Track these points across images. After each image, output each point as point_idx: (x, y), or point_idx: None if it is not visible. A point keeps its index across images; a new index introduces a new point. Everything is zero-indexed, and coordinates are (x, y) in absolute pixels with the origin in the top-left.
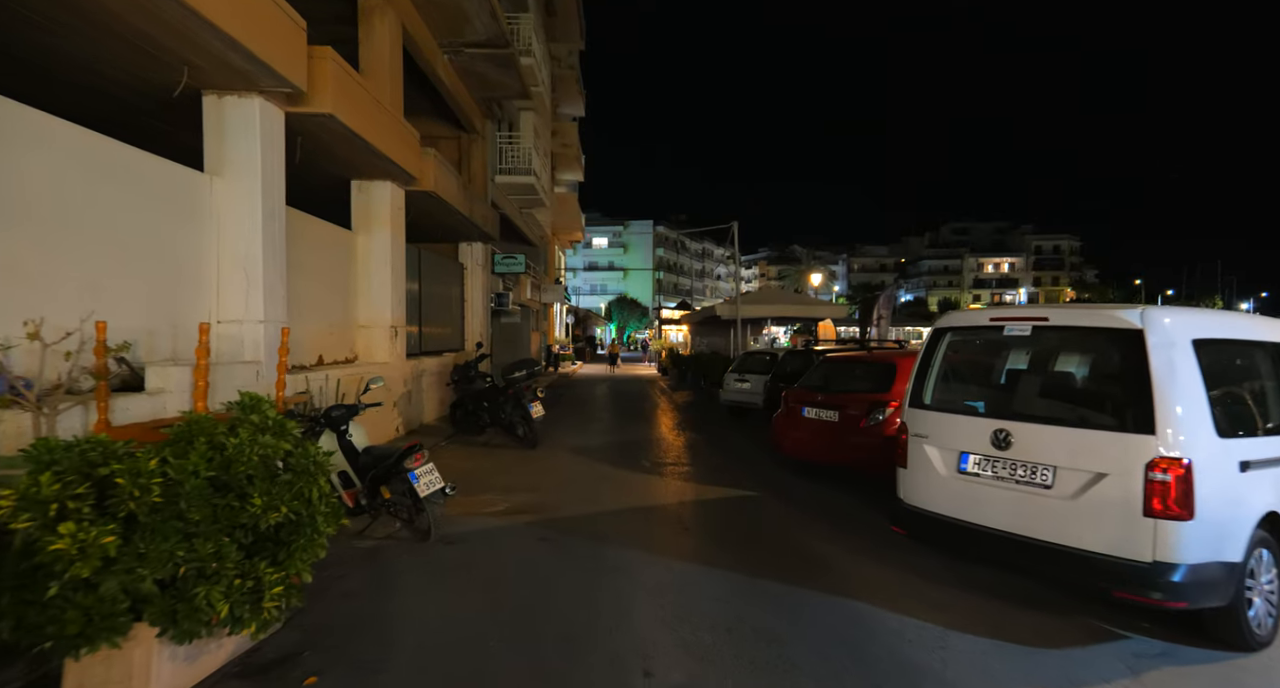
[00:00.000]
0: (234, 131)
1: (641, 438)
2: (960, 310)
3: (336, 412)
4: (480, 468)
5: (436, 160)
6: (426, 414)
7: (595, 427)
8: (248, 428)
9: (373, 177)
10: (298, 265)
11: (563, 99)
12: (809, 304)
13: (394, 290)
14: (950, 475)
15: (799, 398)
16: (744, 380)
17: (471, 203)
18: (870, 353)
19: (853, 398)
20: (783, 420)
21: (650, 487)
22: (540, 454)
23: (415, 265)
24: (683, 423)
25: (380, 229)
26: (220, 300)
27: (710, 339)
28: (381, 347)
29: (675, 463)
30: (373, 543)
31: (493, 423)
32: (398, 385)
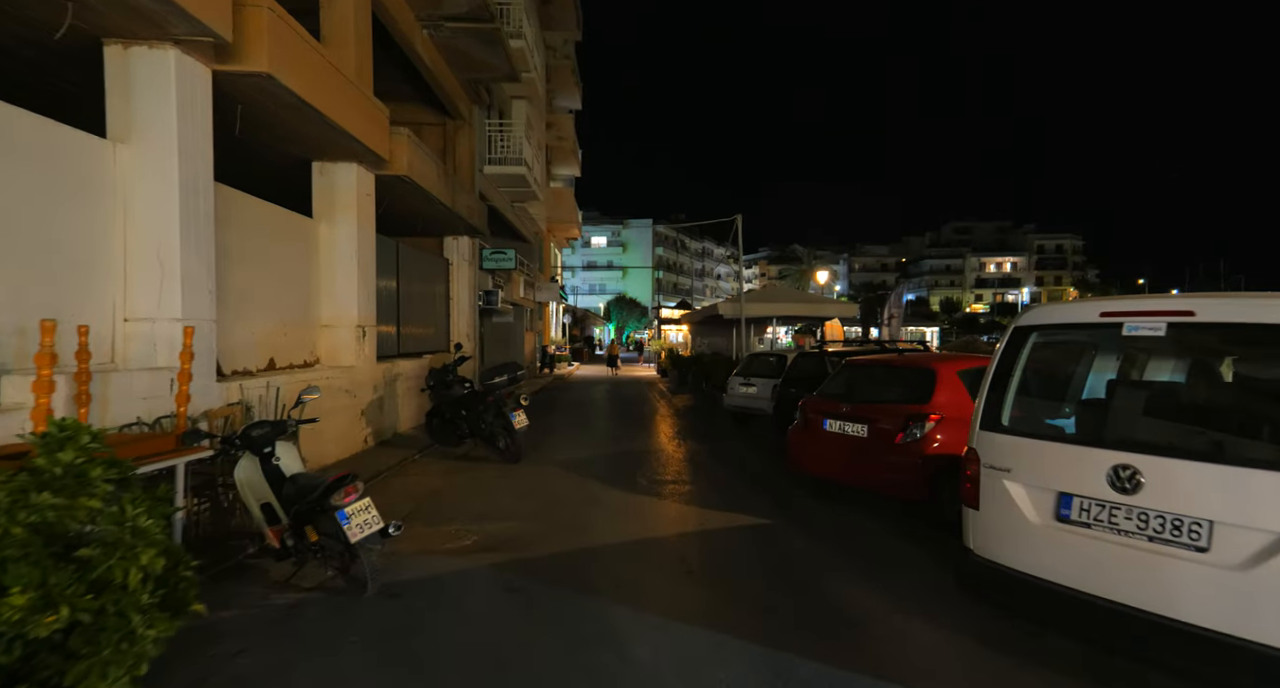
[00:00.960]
0: (143, 89)
1: (638, 449)
2: (1051, 303)
3: (258, 430)
4: (453, 487)
5: (410, 141)
6: (402, 422)
7: (588, 435)
8: (11, 485)
9: (335, 157)
10: (240, 254)
11: (558, 90)
12: (816, 302)
13: (361, 285)
14: (1046, 524)
15: (820, 408)
16: (750, 384)
17: (454, 192)
18: (902, 356)
19: (884, 410)
20: (800, 434)
21: (647, 512)
22: (524, 470)
23: (391, 259)
24: (684, 431)
25: (345, 217)
26: (129, 294)
27: (711, 340)
28: (347, 348)
29: (676, 481)
30: (295, 596)
31: (472, 433)
32: (366, 392)
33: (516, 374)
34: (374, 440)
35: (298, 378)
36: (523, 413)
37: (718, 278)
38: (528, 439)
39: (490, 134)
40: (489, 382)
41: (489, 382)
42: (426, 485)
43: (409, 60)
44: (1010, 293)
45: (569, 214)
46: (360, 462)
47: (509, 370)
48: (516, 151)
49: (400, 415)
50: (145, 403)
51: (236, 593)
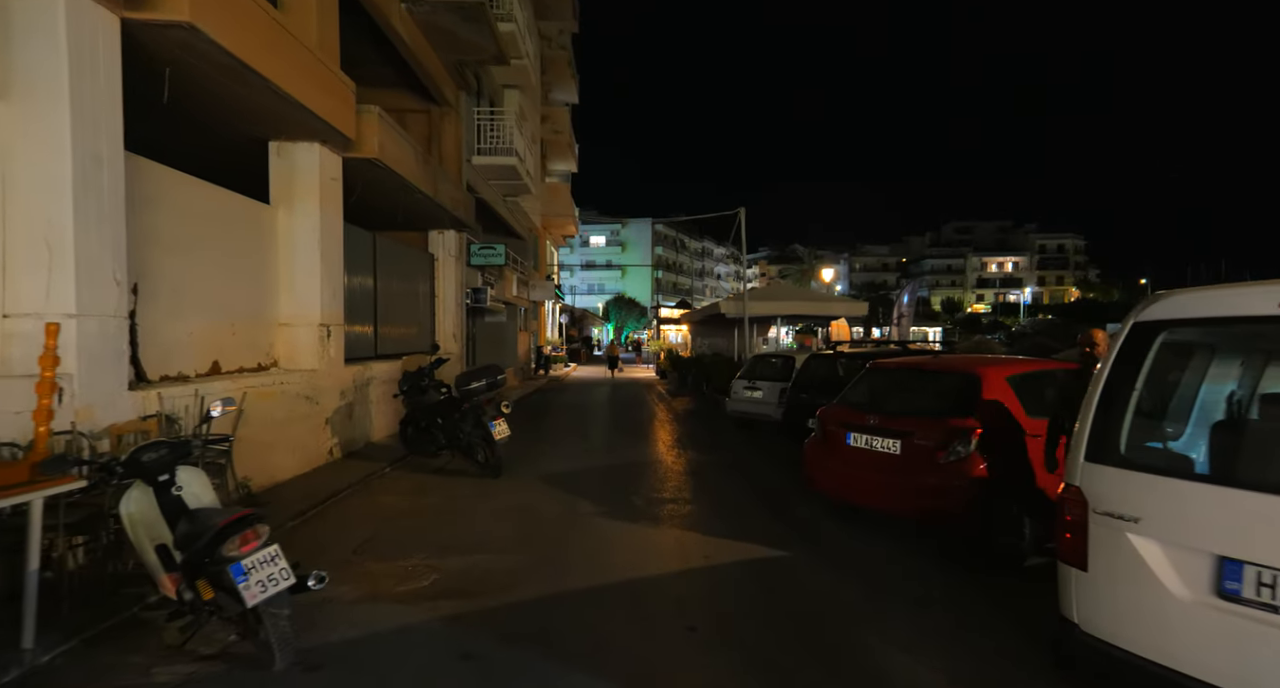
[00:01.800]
0: (26, 34)
1: (634, 460)
2: (1187, 291)
3: (151, 454)
4: (420, 509)
5: (381, 121)
6: (376, 431)
7: (579, 444)
8: None
9: (295, 136)
10: (175, 241)
11: (554, 83)
12: (823, 301)
13: (325, 279)
14: (1199, 601)
15: (842, 420)
16: (754, 388)
17: (437, 181)
18: (937, 358)
19: (921, 423)
20: (819, 449)
21: (642, 541)
22: (504, 486)
23: (367, 253)
24: (684, 438)
25: (307, 204)
26: (7, 283)
27: (712, 340)
28: (309, 350)
29: (675, 499)
30: (186, 669)
31: (448, 444)
32: (331, 398)
33: (496, 379)
34: (341, 452)
35: (242, 384)
36: (504, 422)
37: (717, 278)
38: (513, 449)
39: (480, 123)
40: (465, 387)
41: (465, 387)
42: (390, 506)
43: (387, 39)
44: (1012, 293)
45: (565, 210)
46: (319, 478)
47: (488, 375)
48: (507, 141)
49: (374, 423)
50: (19, 420)
51: (110, 665)
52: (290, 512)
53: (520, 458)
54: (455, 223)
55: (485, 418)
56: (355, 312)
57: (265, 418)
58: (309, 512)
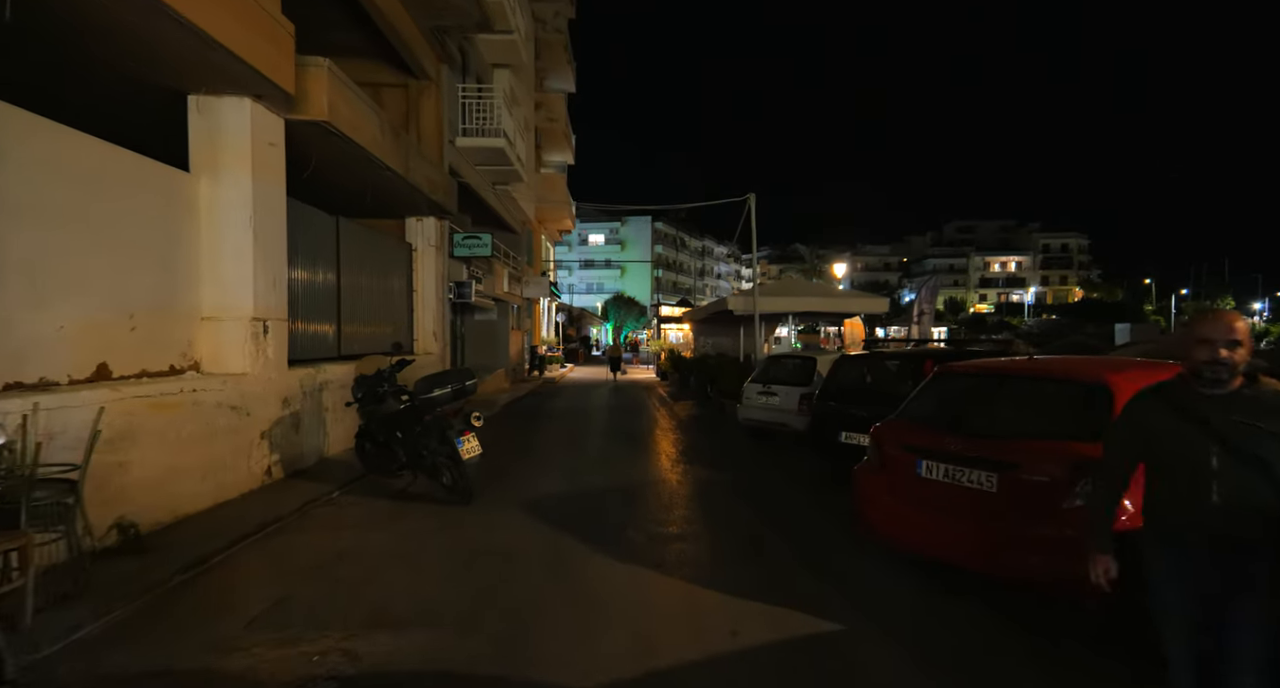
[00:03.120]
0: None
1: (633, 480)
2: None
3: None
4: (360, 553)
5: (332, 77)
6: (332, 444)
7: (569, 458)
8: None
9: (219, 88)
10: (34, 209)
11: (549, 69)
12: (840, 297)
13: (261, 265)
14: None
15: (908, 441)
16: (770, 393)
17: (409, 159)
18: (1033, 360)
19: (1029, 450)
20: (874, 480)
21: (645, 607)
22: (473, 518)
23: (327, 238)
24: (690, 451)
25: (236, 172)
26: None
27: (716, 340)
28: (237, 349)
29: (684, 535)
30: None
31: (410, 464)
32: (269, 407)
33: (465, 385)
34: (284, 471)
35: (128, 393)
36: (474, 438)
37: (718, 277)
38: (493, 462)
39: (466, 101)
40: (425, 396)
41: (425, 396)
42: (324, 548)
43: None
44: (1015, 293)
45: (561, 204)
46: (244, 508)
47: (454, 380)
48: (495, 122)
49: (329, 436)
50: None
51: None
52: (185, 560)
53: (500, 476)
54: (435, 209)
55: (451, 433)
56: (312, 306)
57: (166, 435)
58: (212, 559)
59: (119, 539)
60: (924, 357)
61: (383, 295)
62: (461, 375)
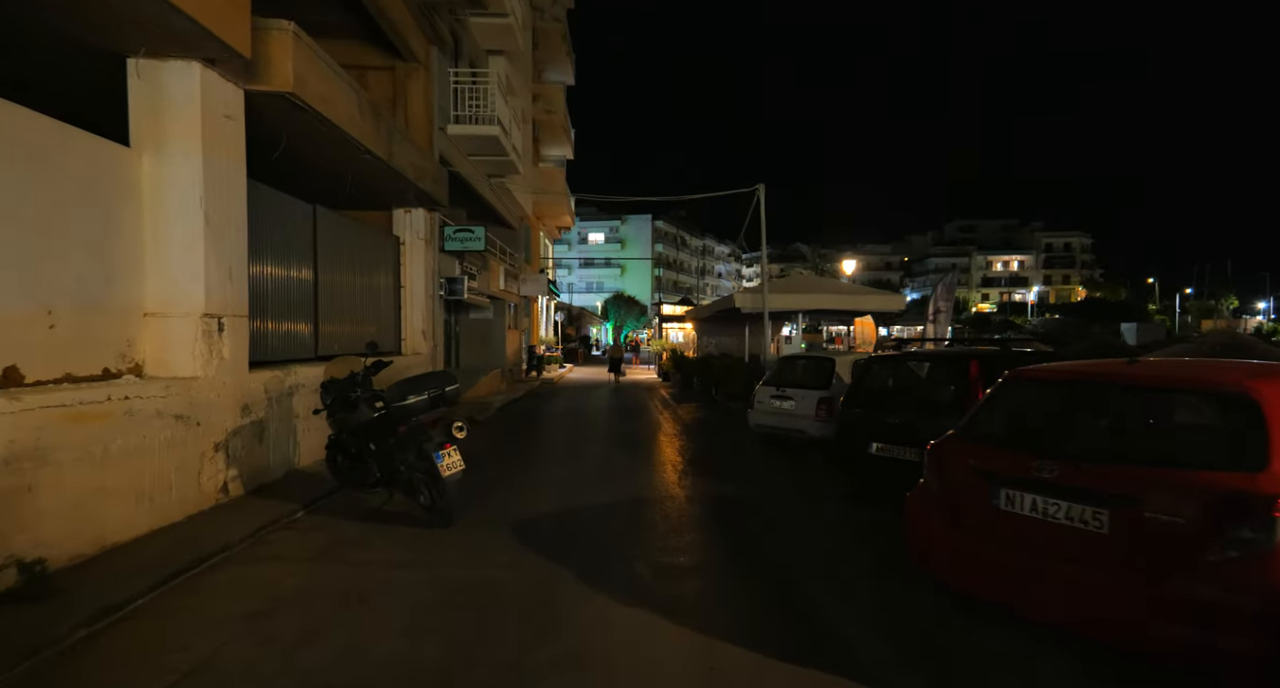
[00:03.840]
0: None
1: (636, 496)
2: None
3: None
4: (311, 595)
5: (298, 42)
6: (304, 454)
7: (564, 470)
8: None
9: (162, 51)
10: None
11: (547, 60)
12: (856, 294)
13: (214, 253)
14: None
15: (984, 463)
16: (784, 397)
17: (392, 143)
18: (1139, 363)
19: (1155, 480)
20: (936, 510)
21: (653, 670)
22: (453, 542)
23: (304, 229)
24: (699, 461)
25: (184, 146)
26: None
27: (719, 339)
28: (185, 350)
29: (698, 568)
30: None
31: (385, 480)
32: (225, 415)
33: (445, 391)
34: (243, 487)
35: (33, 404)
36: (455, 452)
37: (718, 276)
38: (482, 474)
39: (458, 86)
40: (399, 403)
41: (399, 403)
42: (269, 587)
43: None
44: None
45: (559, 199)
46: (188, 533)
47: (431, 385)
48: (489, 109)
49: (300, 445)
50: None
51: None
52: (95, 607)
53: (488, 489)
54: (424, 199)
55: (429, 446)
56: (284, 302)
57: (89, 452)
58: (130, 604)
59: (19, 580)
60: (967, 358)
61: (367, 291)
62: (441, 380)
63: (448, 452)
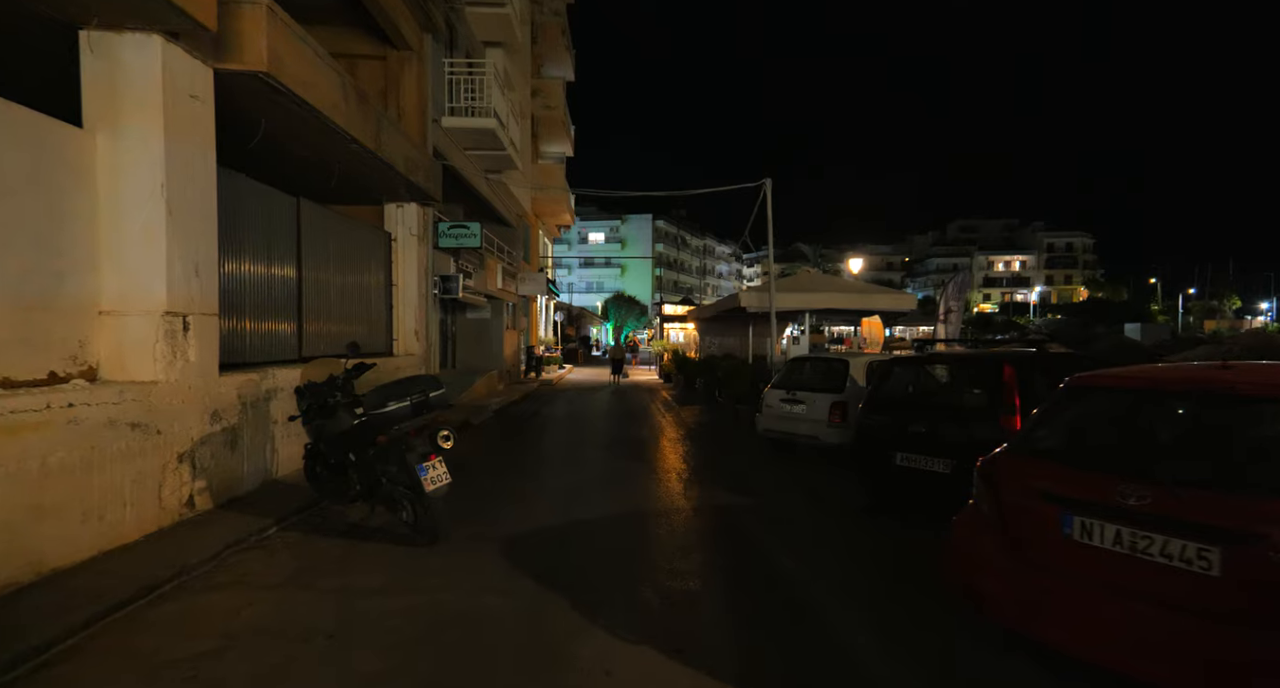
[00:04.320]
0: None
1: (640, 508)
2: None
3: None
4: (266, 629)
5: (273, 19)
6: (283, 463)
7: (562, 478)
8: None
9: (118, 22)
10: None
11: (547, 55)
12: (867, 292)
13: (178, 245)
14: None
15: (1053, 486)
16: (795, 401)
17: (380, 132)
18: (1235, 368)
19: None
20: (990, 540)
21: None
22: (437, 565)
23: (287, 223)
24: (705, 468)
25: (143, 128)
26: None
27: (721, 340)
28: (146, 351)
29: (709, 595)
30: None
31: (365, 493)
32: (190, 422)
33: (429, 397)
34: (212, 500)
35: None
36: (441, 463)
37: (719, 276)
38: (475, 484)
39: (454, 77)
40: (378, 411)
41: (378, 411)
42: (225, 619)
43: None
44: (1020, 292)
45: (559, 197)
46: (140, 554)
47: (414, 390)
48: (486, 100)
49: (280, 453)
50: None
51: None
52: (15, 650)
53: (480, 501)
54: (416, 193)
55: (412, 457)
56: (265, 300)
57: (24, 467)
58: (53, 647)
59: None
60: (999, 361)
61: (356, 289)
62: (425, 384)
63: (432, 463)
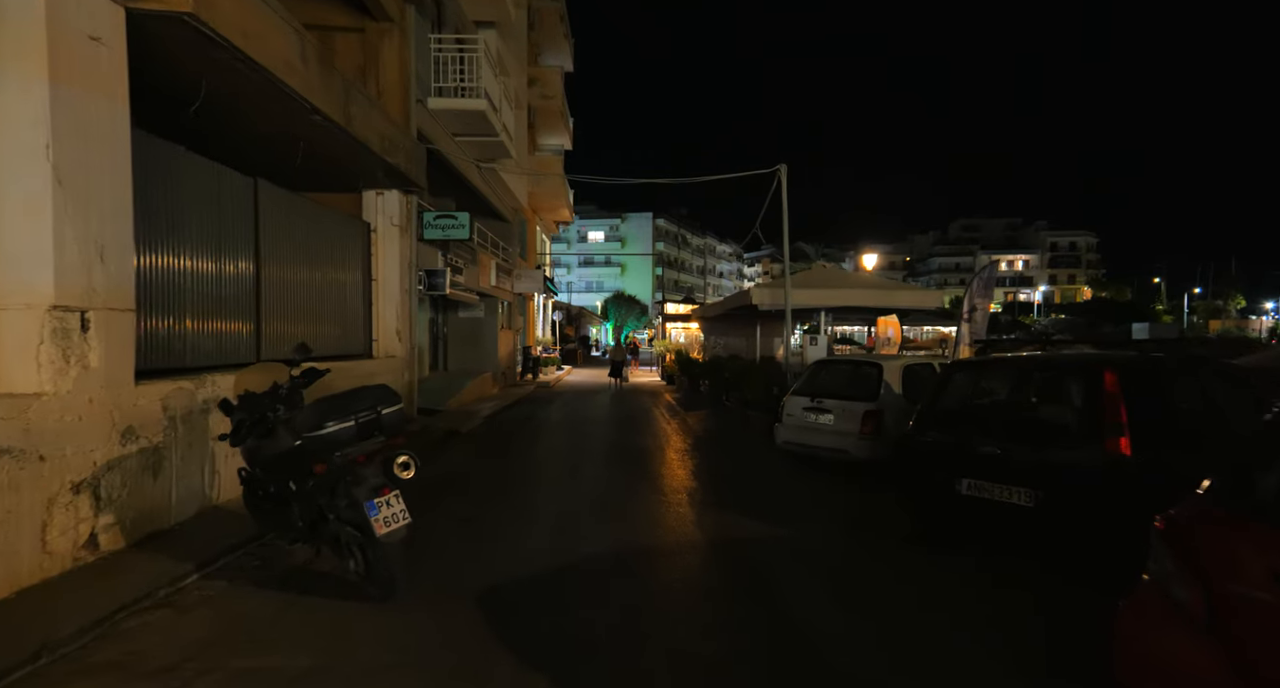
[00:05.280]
0: None
1: (644, 543)
2: None
3: None
4: None
5: None
6: (225, 487)
7: (556, 502)
8: None
9: None
10: None
11: (544, 43)
12: (888, 289)
13: (72, 220)
14: None
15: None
16: (821, 410)
17: (350, 103)
18: None
19: None
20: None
21: None
22: (384, 635)
23: (240, 205)
24: (720, 487)
25: (22, 74)
26: None
27: (727, 340)
28: (28, 356)
29: (750, 680)
30: None
31: (308, 534)
32: (91, 443)
33: (380, 415)
34: (125, 538)
35: None
36: (397, 498)
37: (720, 276)
38: (446, 512)
39: (442, 55)
40: (313, 433)
41: (313, 433)
42: None
43: None
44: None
45: (557, 191)
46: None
47: (360, 406)
48: (475, 80)
49: (221, 475)
50: None
51: None
52: None
53: (454, 535)
54: (396, 178)
55: (360, 491)
56: (210, 295)
57: None
58: None
59: None
60: (1099, 366)
61: (329, 284)
62: (375, 398)
63: (386, 500)
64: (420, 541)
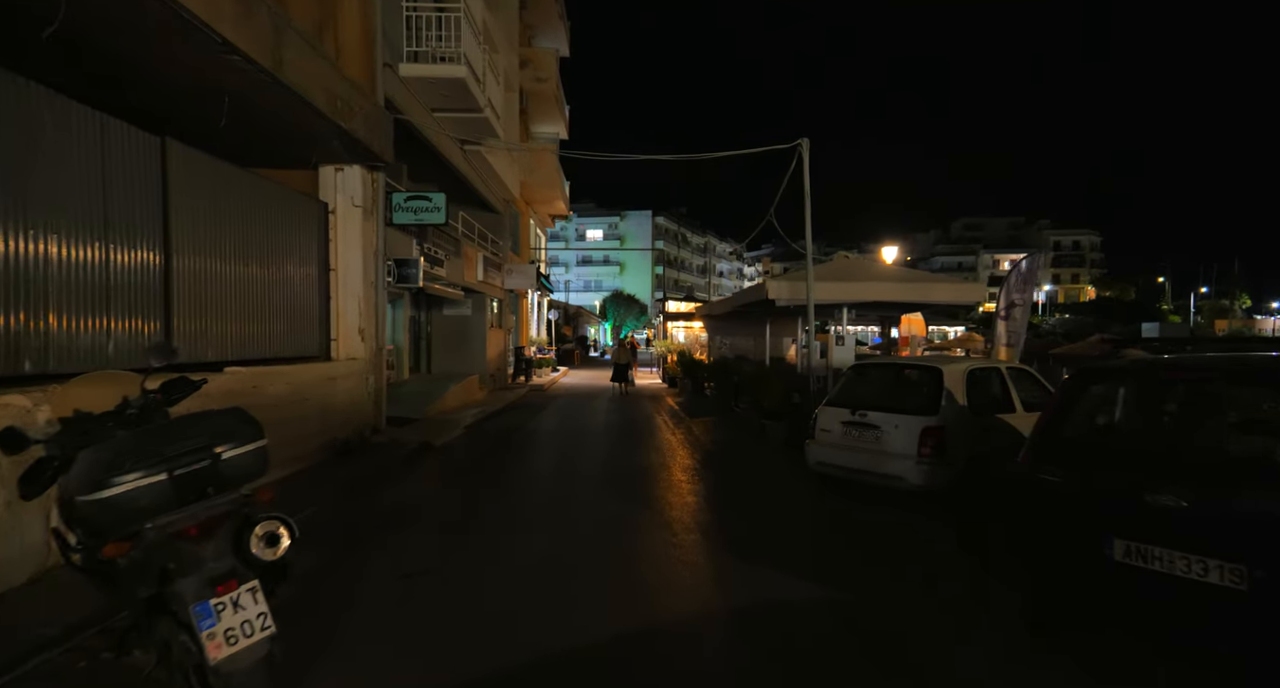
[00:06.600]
0: None
1: (649, 621)
2: None
3: None
4: None
5: None
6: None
7: (533, 548)
8: None
9: None
10: None
11: (539, 23)
12: (922, 282)
13: None
14: None
15: None
16: (864, 423)
17: (283, 46)
18: None
19: None
20: None
21: None
22: None
23: (141, 168)
24: (739, 524)
25: None
26: None
27: (734, 340)
28: None
29: None
30: None
31: (132, 636)
32: None
33: (221, 460)
34: None
35: None
36: (254, 595)
37: (720, 275)
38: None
39: (418, 15)
40: (90, 496)
41: (90, 496)
42: None
43: None
44: None
45: (552, 180)
46: None
47: (185, 447)
48: (455, 45)
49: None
50: None
51: None
52: None
53: (375, 608)
54: (356, 150)
55: (189, 585)
56: (93, 285)
57: None
58: None
59: None
60: (1249, 370)
61: (274, 272)
62: (215, 433)
63: (232, 598)
64: (334, 610)
